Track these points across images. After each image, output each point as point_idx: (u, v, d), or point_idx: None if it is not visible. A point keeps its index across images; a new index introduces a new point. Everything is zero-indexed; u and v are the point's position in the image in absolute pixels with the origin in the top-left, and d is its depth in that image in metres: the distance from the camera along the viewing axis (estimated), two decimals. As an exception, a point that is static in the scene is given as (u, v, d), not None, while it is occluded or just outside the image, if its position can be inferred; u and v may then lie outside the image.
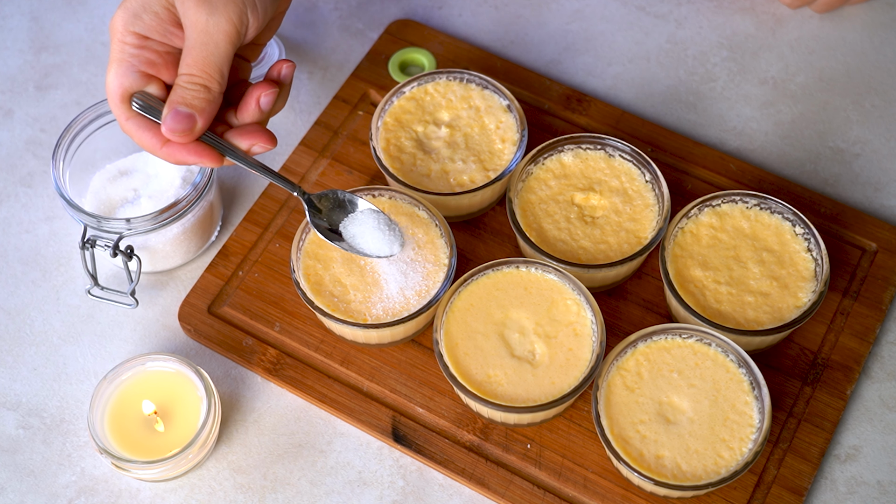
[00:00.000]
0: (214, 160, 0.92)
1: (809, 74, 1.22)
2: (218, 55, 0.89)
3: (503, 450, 1.02)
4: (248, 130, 0.93)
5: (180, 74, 0.89)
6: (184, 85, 0.89)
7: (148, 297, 1.11)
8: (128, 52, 0.91)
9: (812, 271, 1.03)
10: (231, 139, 0.93)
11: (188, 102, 0.89)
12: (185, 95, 0.89)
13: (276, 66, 0.95)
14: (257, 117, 0.93)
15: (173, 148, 0.91)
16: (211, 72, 0.89)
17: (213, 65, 0.89)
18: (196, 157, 0.91)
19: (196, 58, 0.89)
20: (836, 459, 1.02)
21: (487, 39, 1.24)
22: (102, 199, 1.10)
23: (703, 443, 0.96)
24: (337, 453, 1.03)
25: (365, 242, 0.99)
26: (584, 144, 1.09)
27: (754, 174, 1.14)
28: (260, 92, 0.92)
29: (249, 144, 0.93)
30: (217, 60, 0.89)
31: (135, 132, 0.92)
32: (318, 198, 0.99)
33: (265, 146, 0.93)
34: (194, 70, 0.89)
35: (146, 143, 0.92)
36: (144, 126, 0.91)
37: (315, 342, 1.07)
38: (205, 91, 0.89)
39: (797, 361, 1.05)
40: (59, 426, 1.05)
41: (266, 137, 0.93)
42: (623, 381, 0.99)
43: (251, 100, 0.93)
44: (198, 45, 0.88)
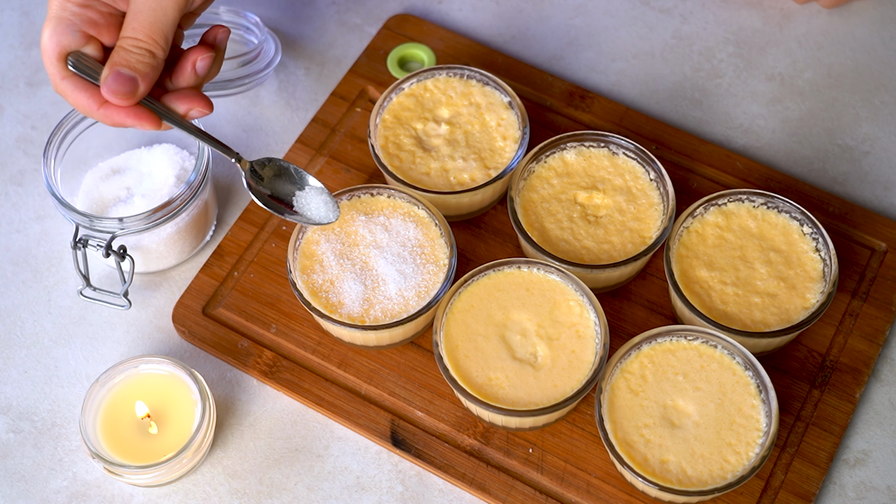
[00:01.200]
0: (153, 123, 0.92)
1: (818, 70, 1.22)
2: (165, 21, 0.90)
3: (504, 454, 1.02)
4: (185, 94, 0.94)
5: (124, 37, 0.90)
6: (128, 48, 0.90)
7: (141, 298, 1.11)
8: (69, 10, 0.91)
9: (820, 272, 1.03)
10: (168, 103, 0.94)
11: (132, 65, 0.90)
12: (128, 58, 0.90)
13: (211, 30, 0.96)
14: (193, 81, 0.94)
15: (111, 110, 0.92)
16: (157, 37, 0.90)
17: (160, 31, 0.90)
18: (134, 120, 0.92)
19: (143, 22, 0.90)
20: (844, 464, 1.02)
21: (488, 34, 1.24)
22: (94, 197, 1.10)
23: (708, 447, 0.96)
24: (334, 458, 1.03)
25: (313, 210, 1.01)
26: (588, 142, 1.09)
27: (761, 172, 1.14)
28: (196, 56, 0.94)
29: (187, 108, 0.94)
30: (164, 27, 0.90)
31: (69, 93, 0.92)
32: (260, 165, 1.00)
33: (202, 111, 0.94)
34: (140, 35, 0.90)
35: (81, 104, 0.92)
36: (80, 87, 0.92)
37: (312, 344, 1.07)
38: (149, 56, 0.90)
39: (805, 364, 1.05)
40: (50, 430, 1.05)
41: (203, 102, 0.94)
42: (627, 384, 0.99)
43: (187, 63, 0.94)
44: (145, 10, 0.89)
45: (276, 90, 1.21)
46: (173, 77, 0.94)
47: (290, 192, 1.01)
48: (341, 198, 1.06)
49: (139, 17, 0.90)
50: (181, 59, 0.94)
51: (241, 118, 1.20)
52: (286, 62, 1.23)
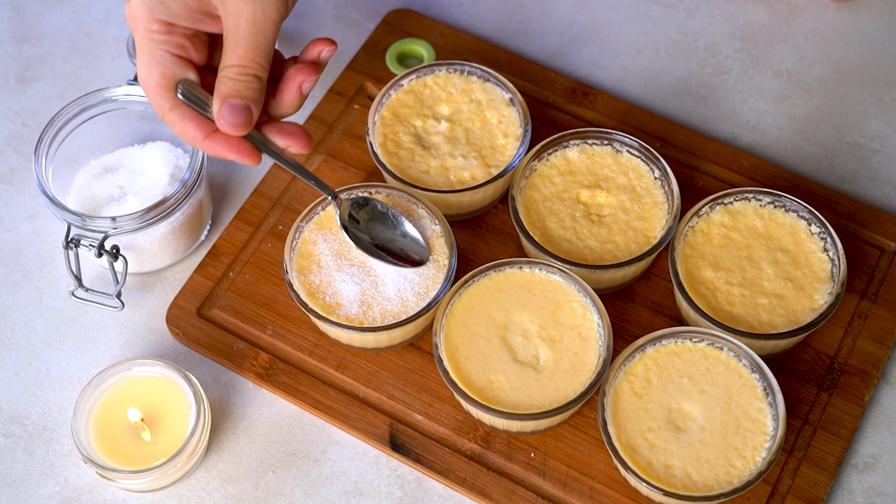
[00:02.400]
0: (254, 158, 0.92)
1: (826, 66, 1.22)
2: (266, 44, 0.90)
3: (506, 459, 1.02)
4: (287, 130, 0.93)
5: (228, 66, 0.90)
6: (235, 77, 0.90)
7: (134, 299, 1.11)
8: (157, 40, 0.91)
9: (828, 272, 1.03)
10: (269, 135, 0.94)
11: (242, 94, 0.90)
12: (238, 88, 0.90)
13: (315, 46, 0.95)
14: (297, 102, 0.94)
15: (216, 142, 0.92)
16: (261, 60, 0.90)
17: (263, 54, 0.90)
18: (236, 155, 0.92)
19: (247, 48, 0.89)
20: (853, 469, 1.02)
21: (489, 30, 1.24)
22: (87, 196, 1.10)
23: (714, 451, 0.96)
24: (332, 462, 1.03)
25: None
26: (591, 140, 1.09)
27: (768, 171, 1.14)
28: (302, 78, 0.93)
29: (287, 144, 0.94)
30: (266, 49, 0.90)
31: (177, 123, 0.92)
32: (357, 207, 1.01)
33: (301, 149, 0.94)
34: (245, 61, 0.90)
35: (188, 134, 0.92)
36: (188, 116, 0.92)
37: (309, 346, 1.07)
38: (256, 81, 0.90)
39: (813, 366, 1.05)
40: (41, 434, 1.05)
41: (304, 141, 0.94)
42: (631, 387, 0.99)
43: (293, 85, 0.94)
44: (246, 36, 0.89)
45: (273, 86, 1.21)
46: (278, 97, 0.94)
47: (388, 238, 1.03)
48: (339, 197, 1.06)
49: (242, 43, 0.89)
50: (286, 81, 0.94)
51: (237, 115, 1.20)
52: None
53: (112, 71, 1.23)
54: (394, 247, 1.03)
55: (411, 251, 1.03)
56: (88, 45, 1.24)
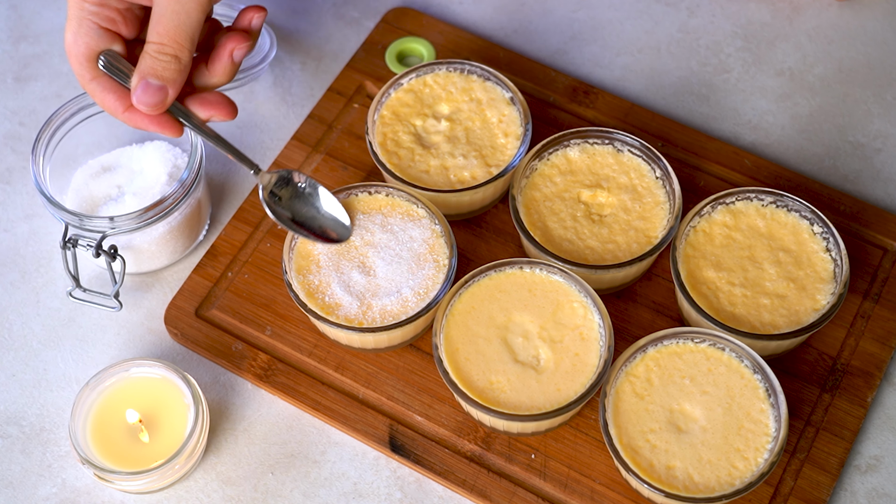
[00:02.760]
0: (174, 131, 0.93)
1: (828, 65, 1.22)
2: (189, 24, 0.90)
3: (506, 460, 1.02)
4: (208, 100, 0.94)
5: (149, 42, 0.90)
6: (154, 55, 0.90)
7: (132, 299, 1.11)
8: (87, 10, 0.92)
9: (831, 272, 1.03)
10: (191, 107, 0.94)
11: (159, 74, 0.90)
12: (155, 66, 0.90)
13: (247, 13, 0.95)
14: (229, 71, 0.95)
15: (136, 115, 0.93)
16: (182, 41, 0.90)
17: (185, 34, 0.90)
18: (157, 128, 0.93)
19: (167, 26, 0.90)
20: (856, 470, 1.02)
21: (489, 28, 1.24)
22: (84, 196, 1.10)
23: (716, 453, 0.96)
24: (331, 464, 1.03)
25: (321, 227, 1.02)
26: (592, 139, 1.09)
27: (770, 170, 1.14)
28: (233, 45, 0.94)
29: (209, 115, 0.94)
30: (189, 30, 0.90)
31: (98, 93, 0.93)
32: (280, 185, 1.01)
33: (223, 118, 0.94)
34: (165, 39, 0.90)
35: (108, 105, 0.93)
36: (109, 87, 0.93)
37: (308, 347, 1.07)
38: (175, 61, 0.91)
39: (815, 367, 1.05)
40: (38, 435, 1.05)
41: (226, 109, 0.94)
42: (632, 388, 0.99)
43: (224, 53, 0.94)
44: (168, 13, 0.89)
45: (272, 85, 1.21)
46: (210, 65, 0.95)
47: (308, 215, 1.02)
48: (338, 196, 1.06)
49: (163, 20, 0.90)
50: (218, 49, 0.94)
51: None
52: (282, 57, 1.23)
53: (110, 70, 1.23)
54: (313, 224, 1.02)
55: (330, 229, 1.03)
56: (86, 44, 1.24)
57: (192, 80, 0.95)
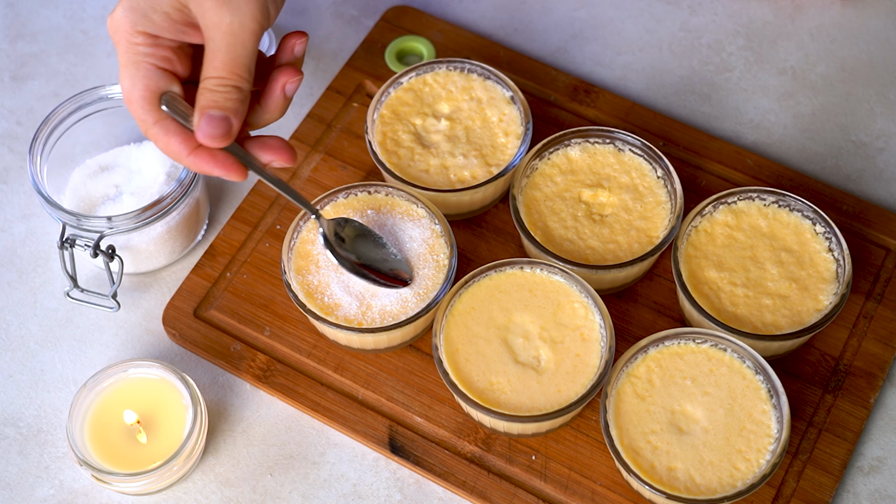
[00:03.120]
0: (239, 174, 0.92)
1: (831, 64, 1.22)
2: (246, 55, 0.89)
3: (506, 461, 1.02)
4: (269, 144, 0.93)
5: (208, 78, 0.89)
6: (214, 88, 0.89)
7: (130, 299, 1.11)
8: (142, 52, 0.90)
9: (833, 272, 1.03)
10: (252, 150, 0.93)
11: (221, 105, 0.89)
12: (216, 98, 0.89)
13: (289, 41, 0.94)
14: (282, 106, 0.94)
15: (200, 157, 0.91)
16: (241, 72, 0.89)
17: (243, 65, 0.89)
18: (222, 170, 0.91)
19: (224, 60, 0.88)
20: (858, 472, 1.02)
21: (490, 27, 1.24)
22: (82, 195, 1.10)
23: (717, 454, 0.96)
24: (330, 465, 1.03)
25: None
26: (592, 138, 1.09)
27: (772, 170, 1.14)
28: (285, 80, 0.93)
29: (270, 159, 0.93)
30: (246, 60, 0.89)
31: (161, 137, 0.91)
32: (342, 226, 1.01)
33: (284, 163, 0.93)
34: (223, 73, 0.88)
35: (173, 149, 0.91)
36: (173, 130, 0.91)
37: (307, 347, 1.07)
38: (236, 91, 0.89)
39: (818, 368, 1.05)
40: (36, 436, 1.05)
41: (287, 154, 0.93)
42: (633, 389, 0.99)
43: (277, 88, 0.93)
44: (224, 48, 0.88)
45: (270, 84, 1.21)
46: (262, 102, 0.93)
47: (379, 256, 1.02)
48: (337, 196, 1.06)
49: (219, 55, 0.88)
50: (269, 85, 0.93)
51: (234, 113, 1.20)
52: (280, 55, 1.23)
53: (108, 69, 1.23)
54: (383, 266, 1.02)
55: (402, 270, 1.03)
56: (84, 43, 1.24)
57: (247, 119, 0.94)
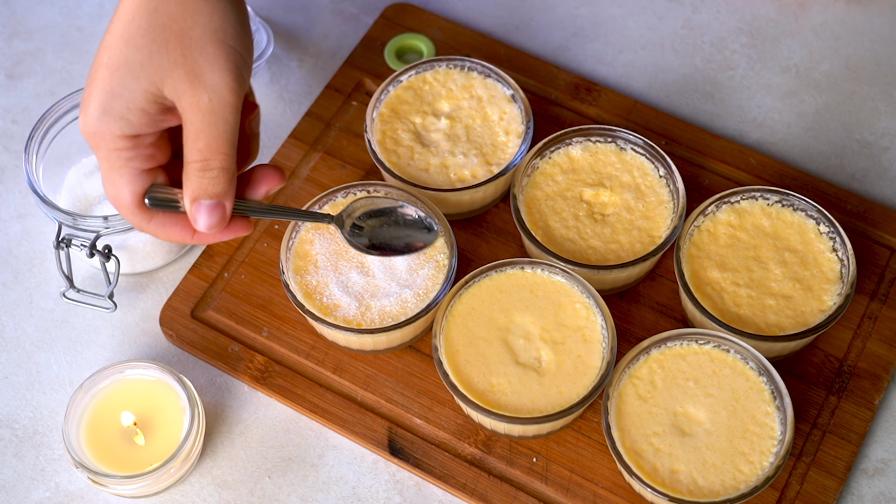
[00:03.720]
0: (245, 229, 0.92)
1: (835, 62, 1.22)
2: (227, 130, 0.86)
3: (507, 464, 1.02)
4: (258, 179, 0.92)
5: (192, 162, 0.86)
6: (199, 174, 0.87)
7: (127, 300, 1.11)
8: (124, 158, 0.87)
9: (837, 272, 1.03)
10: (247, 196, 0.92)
11: (210, 192, 0.87)
12: (204, 185, 0.87)
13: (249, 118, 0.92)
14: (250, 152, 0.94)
15: (204, 236, 0.91)
16: (225, 149, 0.87)
17: (225, 141, 0.87)
18: (229, 236, 0.91)
19: (207, 140, 0.86)
20: (863, 474, 1.02)
21: (490, 24, 1.24)
22: (78, 195, 1.10)
23: (720, 456, 0.96)
24: (329, 467, 1.03)
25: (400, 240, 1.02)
26: (594, 137, 1.09)
27: (776, 169, 1.14)
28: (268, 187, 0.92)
29: (264, 192, 0.92)
30: (227, 135, 0.87)
31: (161, 230, 0.90)
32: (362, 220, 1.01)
33: (278, 185, 0.92)
34: (207, 154, 0.86)
35: (176, 238, 0.91)
36: (169, 222, 0.90)
37: (306, 348, 1.07)
38: (223, 173, 0.87)
39: (822, 369, 1.05)
40: (31, 438, 1.05)
41: (275, 176, 0.92)
42: (635, 391, 0.99)
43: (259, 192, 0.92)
44: (205, 127, 0.86)
45: (268, 83, 1.21)
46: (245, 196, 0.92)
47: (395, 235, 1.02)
48: (336, 195, 1.06)
49: (201, 136, 0.85)
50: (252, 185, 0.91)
51: (232, 112, 1.20)
52: (278, 53, 1.23)
53: (104, 67, 1.23)
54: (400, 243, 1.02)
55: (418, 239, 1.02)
56: (80, 41, 1.24)
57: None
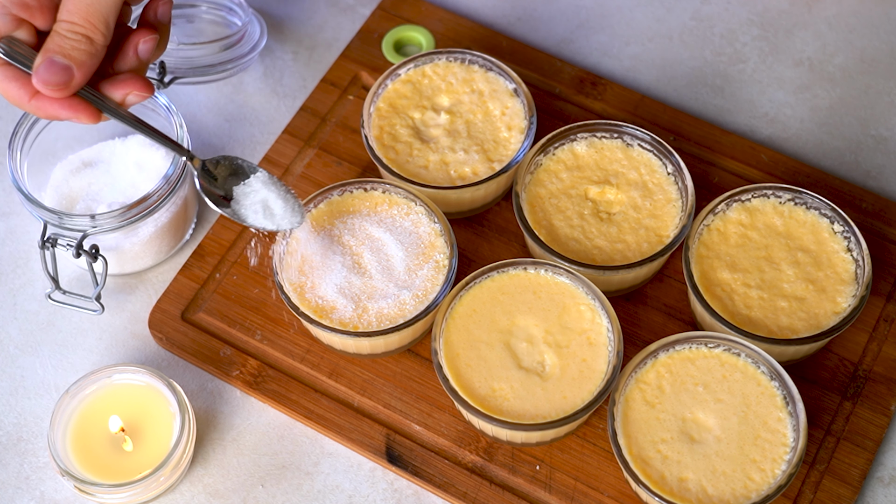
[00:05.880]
0: (91, 116, 0.90)
1: (849, 55, 1.22)
2: (105, 4, 0.88)
3: (509, 472, 1.02)
4: (120, 79, 0.91)
5: (60, 21, 0.88)
6: (63, 33, 0.87)
7: (115, 302, 1.11)
8: None
9: (852, 273, 1.03)
10: (103, 90, 0.91)
11: (66, 53, 0.87)
12: (63, 45, 0.87)
13: (150, 5, 0.93)
14: (135, 66, 0.92)
15: (44, 101, 0.90)
16: (96, 22, 0.88)
17: (99, 14, 0.88)
18: (70, 112, 0.89)
19: (79, 4, 0.87)
20: (878, 482, 1.02)
21: (492, 16, 1.25)
22: (64, 192, 1.10)
23: (731, 464, 0.96)
24: (325, 475, 1.03)
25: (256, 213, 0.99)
26: (600, 132, 1.09)
27: (788, 165, 1.14)
28: (138, 39, 0.92)
29: (123, 94, 0.92)
30: (103, 9, 0.88)
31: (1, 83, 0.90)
32: (214, 164, 0.98)
33: (140, 94, 0.92)
34: (76, 18, 0.87)
35: (12, 95, 0.90)
36: (11, 76, 0.90)
37: (300, 352, 1.07)
38: (87, 42, 0.88)
39: (836, 373, 1.05)
40: (15, 445, 1.05)
41: (141, 84, 0.91)
42: (642, 396, 0.99)
43: (129, 48, 0.92)
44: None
45: (262, 76, 1.21)
46: (115, 62, 0.92)
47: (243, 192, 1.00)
48: (332, 193, 1.06)
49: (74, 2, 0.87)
50: (123, 43, 0.92)
51: (224, 107, 1.20)
52: (272, 46, 1.23)
53: (91, 59, 1.23)
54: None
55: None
56: (66, 33, 1.24)
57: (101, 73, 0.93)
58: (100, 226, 1.04)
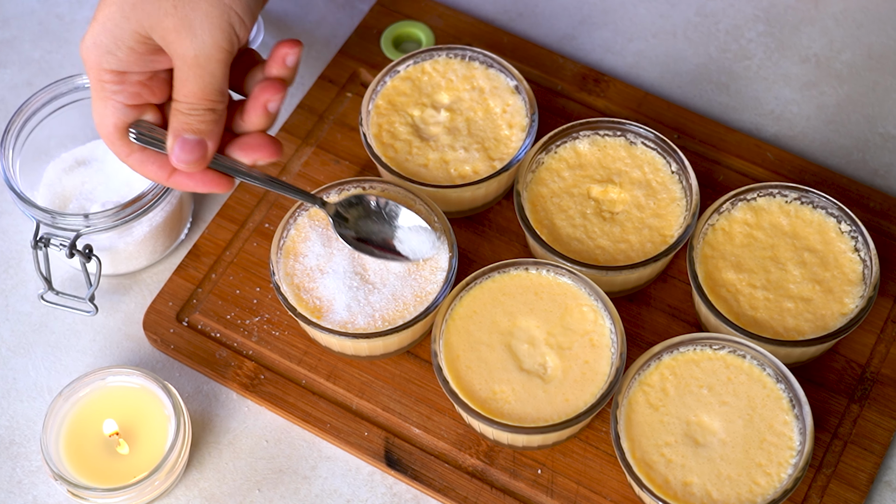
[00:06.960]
0: (224, 186, 0.94)
1: (857, 51, 1.22)
2: (215, 83, 0.90)
3: (510, 476, 1.02)
4: (249, 143, 0.94)
5: (179, 101, 0.90)
6: (186, 112, 0.90)
7: (109, 302, 1.11)
8: (108, 90, 0.91)
9: (860, 274, 1.03)
10: (232, 155, 0.94)
11: (194, 128, 0.90)
12: (189, 121, 0.90)
13: (280, 49, 0.93)
14: (265, 122, 0.94)
15: (182, 177, 0.94)
16: (212, 97, 0.90)
17: (213, 91, 0.90)
18: (206, 186, 0.93)
19: (192, 89, 0.90)
20: (886, 486, 1.02)
21: (493, 11, 1.24)
22: (57, 191, 1.10)
23: (736, 468, 0.96)
24: (322, 479, 1.03)
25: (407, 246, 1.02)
26: (602, 130, 1.09)
27: (794, 164, 1.14)
28: (266, 97, 0.93)
29: (253, 159, 0.94)
30: (216, 86, 0.90)
31: (139, 166, 0.94)
32: (346, 207, 1.01)
33: (269, 159, 0.94)
34: (193, 99, 0.90)
35: (152, 176, 0.94)
36: (149, 159, 0.93)
37: (298, 354, 1.07)
38: (210, 114, 0.91)
39: (843, 376, 1.05)
40: (7, 449, 1.05)
41: (270, 148, 0.94)
42: (646, 398, 0.99)
43: (258, 106, 0.93)
44: (192, 78, 0.89)
45: (258, 73, 1.21)
46: (244, 117, 0.94)
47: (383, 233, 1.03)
48: (330, 192, 1.06)
49: (187, 84, 0.89)
50: (251, 101, 0.93)
51: (220, 104, 1.20)
52: (269, 42, 1.23)
53: (85, 56, 1.23)
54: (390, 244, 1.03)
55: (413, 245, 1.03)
56: (59, 29, 1.24)
57: (231, 127, 0.95)
58: (93, 225, 1.04)
